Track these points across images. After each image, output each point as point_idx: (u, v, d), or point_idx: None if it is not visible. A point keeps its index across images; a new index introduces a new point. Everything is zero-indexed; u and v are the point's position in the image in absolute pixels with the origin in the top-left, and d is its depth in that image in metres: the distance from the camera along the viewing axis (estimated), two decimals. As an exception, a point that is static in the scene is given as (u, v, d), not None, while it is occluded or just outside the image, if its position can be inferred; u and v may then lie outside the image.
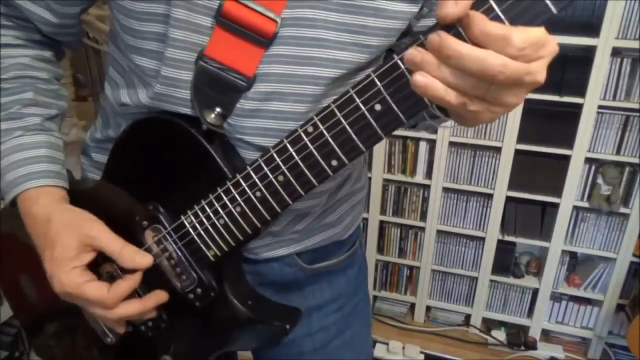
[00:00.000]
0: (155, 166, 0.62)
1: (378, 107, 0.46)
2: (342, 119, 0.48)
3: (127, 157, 0.64)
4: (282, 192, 0.54)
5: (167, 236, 0.61)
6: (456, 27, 0.40)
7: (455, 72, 0.40)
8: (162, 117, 0.59)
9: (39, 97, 0.66)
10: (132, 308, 0.60)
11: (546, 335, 2.29)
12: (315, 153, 0.50)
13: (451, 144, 2.07)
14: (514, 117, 1.92)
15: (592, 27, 1.75)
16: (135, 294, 0.62)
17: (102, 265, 0.62)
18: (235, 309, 0.61)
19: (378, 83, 0.45)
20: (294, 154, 0.52)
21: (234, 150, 0.59)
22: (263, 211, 0.56)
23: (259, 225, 0.57)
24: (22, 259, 0.70)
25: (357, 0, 0.53)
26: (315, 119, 0.49)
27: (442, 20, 0.40)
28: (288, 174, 0.53)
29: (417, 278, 2.35)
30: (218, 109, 0.56)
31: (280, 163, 0.53)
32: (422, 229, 2.24)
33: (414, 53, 0.41)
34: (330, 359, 0.81)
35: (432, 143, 2.10)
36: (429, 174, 2.15)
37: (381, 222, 2.30)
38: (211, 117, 0.56)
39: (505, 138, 1.97)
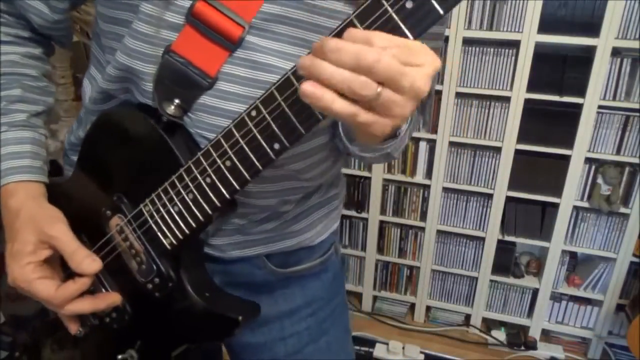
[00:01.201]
0: (119, 157, 0.64)
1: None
2: (282, 101, 0.49)
3: (94, 150, 0.66)
4: (230, 177, 0.55)
5: (127, 225, 0.63)
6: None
7: (337, 69, 0.41)
8: (124, 110, 0.61)
9: (26, 94, 0.68)
10: (82, 306, 0.62)
11: (546, 335, 2.29)
12: (259, 136, 0.52)
13: (451, 144, 2.07)
14: (514, 117, 1.92)
15: (592, 27, 1.74)
16: (100, 286, 0.65)
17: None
18: (192, 299, 0.62)
19: (278, 97, 0.48)
20: (239, 138, 0.53)
21: (192, 138, 0.60)
22: (213, 197, 0.57)
23: (209, 212, 0.58)
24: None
25: (324, 22, 0.54)
26: (257, 102, 0.51)
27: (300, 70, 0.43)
28: (234, 158, 0.54)
29: (417, 278, 2.35)
30: (177, 101, 0.58)
31: (227, 148, 0.54)
32: (422, 229, 2.24)
33: (304, 58, 0.42)
34: None
35: (432, 143, 2.10)
36: (429, 174, 2.16)
37: (381, 222, 2.30)
38: (170, 108, 0.58)
39: (505, 138, 1.97)
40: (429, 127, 2.08)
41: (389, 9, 0.42)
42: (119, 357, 0.67)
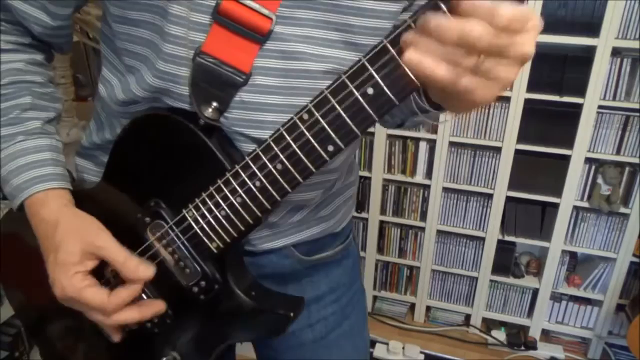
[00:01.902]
0: (155, 162, 0.62)
1: (370, 90, 0.47)
2: (336, 104, 0.49)
3: (127, 155, 0.64)
4: (281, 180, 0.54)
5: (169, 231, 0.62)
6: (447, 3, 0.41)
7: (441, 45, 0.41)
8: (160, 114, 0.60)
9: (37, 100, 0.67)
10: (130, 316, 0.61)
11: (546, 335, 2.29)
12: (312, 139, 0.51)
13: (451, 144, 2.07)
14: (514, 117, 1.92)
15: (592, 27, 1.74)
16: (141, 293, 0.63)
17: (107, 267, 0.63)
18: (239, 299, 0.62)
19: (369, 67, 0.46)
20: (291, 142, 0.52)
21: (232, 142, 0.60)
22: (263, 200, 0.56)
23: (259, 214, 0.57)
24: (26, 260, 0.70)
25: (342, 1, 0.54)
26: (310, 105, 0.50)
27: None
28: (286, 162, 0.53)
29: (417, 278, 2.35)
30: (215, 104, 0.57)
31: (278, 152, 0.53)
32: (422, 229, 2.24)
33: (406, 35, 0.43)
34: (329, 349, 0.82)
35: (432, 143, 2.10)
36: (429, 174, 2.16)
37: (381, 222, 2.30)
38: (208, 111, 0.57)
39: (505, 138, 1.97)
40: (429, 127, 2.08)
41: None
42: (163, 359, 0.67)
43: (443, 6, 0.41)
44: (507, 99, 1.92)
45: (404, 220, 2.27)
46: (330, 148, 0.51)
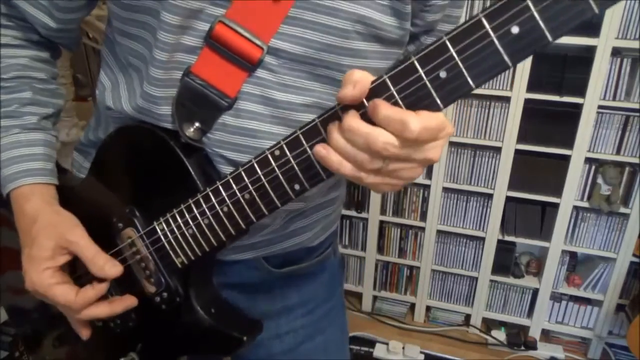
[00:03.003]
0: (135, 172, 0.64)
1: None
2: (307, 147, 0.50)
3: (109, 160, 0.66)
4: (248, 210, 0.56)
5: (140, 240, 0.63)
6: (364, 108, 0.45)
7: (350, 145, 0.45)
8: (145, 127, 0.61)
9: (37, 96, 0.68)
10: (100, 311, 0.62)
11: (546, 335, 2.29)
12: (280, 176, 0.52)
13: (451, 144, 2.06)
14: (514, 117, 1.92)
15: (592, 27, 1.74)
16: (107, 295, 0.64)
17: (79, 263, 0.64)
18: (197, 315, 0.63)
19: (336, 107, 0.48)
20: (261, 175, 0.54)
21: (211, 163, 0.61)
22: (229, 226, 0.58)
23: (223, 238, 0.59)
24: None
25: (336, 42, 0.55)
26: (282, 143, 0.51)
27: (341, 101, 0.46)
28: (254, 193, 0.55)
29: (417, 278, 2.35)
30: (197, 124, 0.58)
31: (248, 183, 0.55)
32: (422, 229, 2.24)
33: (330, 125, 0.47)
34: None
35: (432, 143, 2.09)
36: (429, 174, 2.15)
37: (381, 222, 2.30)
38: (190, 131, 0.58)
39: (505, 138, 1.97)
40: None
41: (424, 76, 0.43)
42: (121, 359, 0.68)
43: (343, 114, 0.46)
44: (507, 99, 1.92)
45: (404, 220, 2.27)
46: (297, 187, 0.52)
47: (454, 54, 0.42)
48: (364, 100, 0.45)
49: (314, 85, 0.58)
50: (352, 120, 0.45)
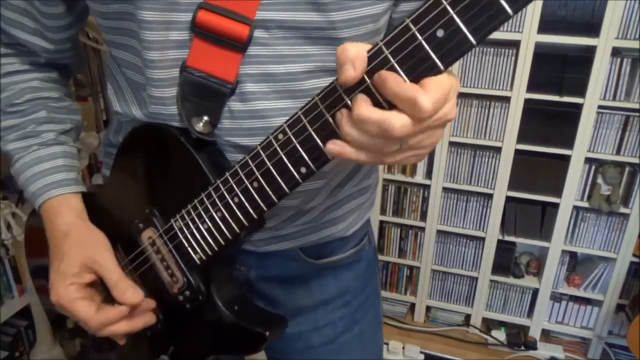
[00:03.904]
0: (152, 172, 0.65)
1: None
2: (307, 125, 0.49)
3: (127, 162, 0.67)
4: (257, 198, 0.55)
5: (160, 238, 0.64)
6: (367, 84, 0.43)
7: (364, 135, 0.43)
8: (156, 125, 0.62)
9: (52, 114, 0.70)
10: (117, 328, 0.62)
11: (546, 335, 2.29)
12: (285, 159, 0.51)
13: (451, 143, 2.07)
14: (514, 117, 1.92)
15: (592, 27, 1.74)
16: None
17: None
18: (220, 312, 0.63)
19: (339, 89, 0.46)
20: (265, 159, 0.53)
21: (223, 156, 0.61)
22: (240, 216, 0.57)
23: (237, 230, 0.58)
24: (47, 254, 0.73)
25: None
26: (284, 125, 0.50)
27: (343, 85, 0.44)
28: (261, 180, 0.54)
29: (417, 278, 2.35)
30: (206, 118, 0.58)
31: (254, 168, 0.54)
32: (422, 229, 2.24)
33: (339, 115, 0.45)
34: (337, 354, 0.82)
35: (432, 143, 2.09)
36: (429, 174, 2.16)
37: (381, 222, 2.30)
38: (199, 125, 0.58)
39: (505, 138, 1.97)
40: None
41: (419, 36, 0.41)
42: None
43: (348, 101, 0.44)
44: (507, 99, 1.92)
45: (404, 220, 2.27)
46: (303, 170, 0.51)
47: (448, 7, 0.39)
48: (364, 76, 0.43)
49: (311, 50, 0.56)
50: (362, 108, 0.42)
